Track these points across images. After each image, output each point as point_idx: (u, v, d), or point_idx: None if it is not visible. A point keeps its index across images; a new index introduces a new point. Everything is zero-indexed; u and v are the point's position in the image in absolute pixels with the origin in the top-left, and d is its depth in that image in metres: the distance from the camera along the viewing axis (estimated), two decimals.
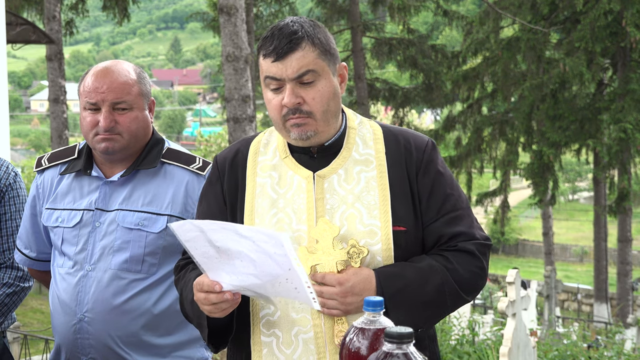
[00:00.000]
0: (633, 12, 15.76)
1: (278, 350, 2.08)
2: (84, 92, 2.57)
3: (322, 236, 2.04)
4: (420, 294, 2.03)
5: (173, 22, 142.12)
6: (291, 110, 2.06)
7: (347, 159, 2.14)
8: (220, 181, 2.23)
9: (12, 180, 2.93)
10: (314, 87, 2.07)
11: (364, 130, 2.20)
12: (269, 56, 2.06)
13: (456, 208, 2.14)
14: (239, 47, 9.52)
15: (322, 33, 2.10)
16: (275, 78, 2.06)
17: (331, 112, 2.10)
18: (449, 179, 2.18)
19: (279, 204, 2.13)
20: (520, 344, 5.54)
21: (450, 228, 2.12)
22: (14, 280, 2.92)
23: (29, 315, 12.05)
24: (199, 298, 2.01)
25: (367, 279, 2.01)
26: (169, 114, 73.43)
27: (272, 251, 1.84)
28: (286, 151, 2.18)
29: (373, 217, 2.08)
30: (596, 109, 17.29)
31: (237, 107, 9.69)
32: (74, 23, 17.28)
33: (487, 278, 2.19)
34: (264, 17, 18.99)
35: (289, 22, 2.09)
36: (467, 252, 2.10)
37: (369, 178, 2.12)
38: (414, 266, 2.06)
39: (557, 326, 14.00)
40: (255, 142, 2.24)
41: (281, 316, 2.08)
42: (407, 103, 19.77)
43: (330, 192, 2.11)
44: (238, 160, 2.23)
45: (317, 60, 2.07)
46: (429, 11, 19.08)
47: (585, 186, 46.05)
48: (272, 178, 2.16)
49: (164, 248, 2.59)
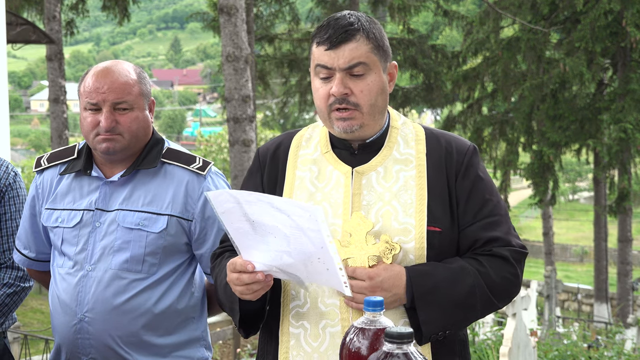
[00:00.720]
0: (633, 12, 15.75)
1: (305, 342, 2.10)
2: (85, 92, 2.57)
3: (356, 230, 2.04)
4: (450, 295, 2.03)
5: (173, 22, 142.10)
6: (338, 100, 2.07)
7: (387, 157, 2.15)
8: (260, 172, 2.25)
9: (12, 180, 2.93)
10: (363, 80, 2.08)
11: (407, 130, 2.21)
12: (322, 44, 2.08)
13: (494, 213, 2.14)
14: (239, 47, 9.52)
15: (377, 29, 2.11)
16: (326, 67, 2.07)
17: (378, 107, 2.11)
18: (489, 184, 2.18)
19: (316, 197, 2.14)
20: (521, 344, 5.54)
21: (486, 233, 2.11)
22: (14, 280, 2.92)
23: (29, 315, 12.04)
24: (232, 278, 2.02)
25: (397, 276, 2.01)
26: (169, 114, 73.42)
27: (305, 226, 1.85)
28: (328, 146, 2.19)
29: (408, 216, 2.08)
30: (596, 109, 17.28)
31: (237, 107, 9.68)
32: (74, 23, 17.29)
33: (520, 286, 2.18)
34: (264, 17, 18.97)
35: (346, 14, 2.11)
36: (502, 257, 2.09)
37: (408, 177, 2.13)
38: (446, 266, 2.06)
39: (557, 326, 13.99)
40: (298, 136, 2.26)
41: (310, 308, 2.09)
42: (407, 103, 19.76)
43: (367, 189, 2.12)
44: (279, 152, 2.25)
45: (370, 54, 2.08)
46: (429, 11, 19.07)
47: (585, 186, 46.06)
48: (311, 172, 2.18)
49: (164, 248, 2.59)
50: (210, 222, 2.62)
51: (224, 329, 10.83)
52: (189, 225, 2.61)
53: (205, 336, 2.75)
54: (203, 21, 18.60)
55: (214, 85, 79.02)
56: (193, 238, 2.63)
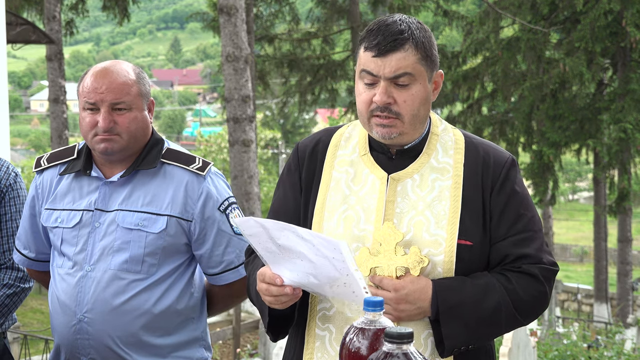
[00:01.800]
0: (633, 12, 15.75)
1: (329, 345, 2.09)
2: (83, 92, 2.57)
3: (386, 240, 2.03)
4: (476, 311, 2.01)
5: (173, 22, 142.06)
6: (380, 108, 2.04)
7: (424, 165, 2.13)
8: (299, 169, 2.22)
9: (12, 180, 2.93)
10: (407, 90, 2.05)
11: (446, 137, 2.17)
12: (370, 50, 2.04)
13: (527, 229, 2.10)
14: (239, 47, 9.52)
15: (427, 38, 2.08)
16: (372, 73, 2.04)
17: (420, 117, 2.08)
18: (525, 199, 2.14)
19: (350, 201, 2.12)
20: (520, 344, 5.54)
21: (518, 249, 2.08)
22: (14, 281, 2.92)
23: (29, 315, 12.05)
24: (261, 288, 2.02)
25: (423, 289, 2.00)
26: (169, 114, 73.40)
27: (330, 256, 1.86)
28: (366, 148, 2.17)
29: (440, 228, 2.06)
30: (596, 109, 17.27)
31: (237, 107, 9.68)
32: (74, 23, 17.28)
33: (548, 304, 2.16)
34: (264, 17, 18.96)
35: (397, 19, 2.06)
36: (531, 275, 2.07)
37: (443, 187, 2.10)
38: (473, 282, 2.03)
39: (557, 326, 14.00)
40: (338, 135, 2.23)
41: (337, 312, 2.09)
42: None
43: (402, 196, 2.09)
44: (318, 150, 2.22)
45: (417, 64, 2.05)
46: (429, 11, 19.06)
47: (585, 186, 46.03)
48: (347, 174, 2.16)
49: (163, 248, 2.59)
50: (210, 223, 2.61)
51: (224, 329, 10.82)
52: (189, 225, 2.61)
53: (205, 336, 2.75)
54: (203, 21, 18.60)
55: (214, 85, 79.01)
56: (193, 238, 2.63)
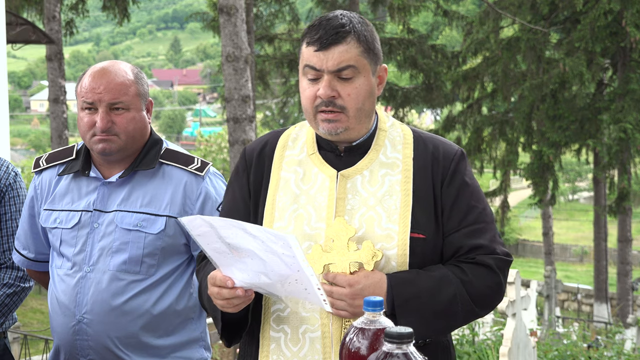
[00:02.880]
0: (633, 12, 15.74)
1: (285, 346, 2.08)
2: (81, 92, 2.57)
3: (338, 236, 2.02)
4: (432, 304, 2.01)
5: (173, 22, 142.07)
6: (324, 103, 2.04)
7: (373, 161, 2.13)
8: (247, 172, 2.22)
9: (12, 180, 2.93)
10: (351, 84, 2.05)
11: (394, 133, 2.18)
12: (312, 45, 2.05)
13: (479, 221, 2.11)
14: (239, 47, 9.52)
15: (368, 31, 2.09)
16: (315, 68, 2.04)
17: (365, 111, 2.08)
18: (475, 191, 2.14)
19: (300, 200, 2.11)
20: (520, 344, 5.54)
21: (471, 240, 2.09)
22: (15, 280, 2.92)
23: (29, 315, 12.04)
24: (212, 292, 2.00)
25: (378, 283, 1.99)
26: (169, 114, 73.38)
27: (280, 252, 1.84)
28: (314, 147, 2.17)
29: (392, 222, 2.06)
30: (596, 109, 17.28)
31: (237, 107, 9.68)
32: (74, 23, 17.27)
33: (503, 294, 2.16)
34: (264, 17, 18.96)
35: (339, 14, 2.07)
36: (485, 266, 2.07)
37: (393, 182, 2.10)
38: (428, 274, 2.03)
39: (557, 326, 13.99)
40: (285, 136, 2.23)
41: (291, 313, 2.08)
42: (407, 103, 19.75)
43: (352, 193, 2.09)
44: (266, 152, 2.21)
45: (360, 57, 2.05)
46: (429, 11, 19.05)
47: (585, 186, 46.03)
48: (296, 173, 2.15)
49: (162, 249, 2.58)
50: None
51: None
52: None
53: (205, 337, 2.75)
54: (203, 21, 18.59)
55: (213, 85, 78.98)
56: (192, 239, 2.62)
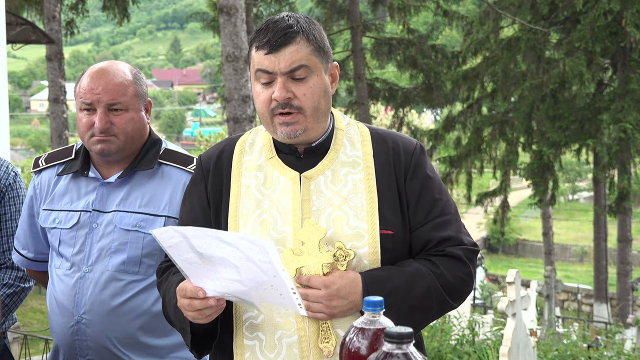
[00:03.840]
0: (633, 12, 15.75)
1: (261, 353, 2.05)
2: (80, 92, 2.57)
3: (309, 238, 2.00)
4: (407, 299, 2.01)
5: (173, 22, 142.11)
6: (280, 105, 2.03)
7: (334, 161, 2.12)
8: (204, 181, 2.19)
9: (12, 180, 2.93)
10: (305, 83, 2.03)
11: (352, 131, 2.17)
12: (262, 48, 2.03)
13: (444, 213, 2.11)
14: (239, 47, 9.52)
15: (317, 30, 2.08)
16: (267, 71, 2.03)
17: (321, 109, 2.07)
18: (438, 183, 2.15)
19: (264, 205, 2.09)
20: (520, 344, 5.54)
21: (438, 233, 2.09)
22: (14, 280, 2.92)
23: (29, 315, 12.04)
24: (183, 304, 1.97)
25: (353, 282, 1.98)
26: (169, 114, 73.39)
27: (256, 258, 1.81)
28: (272, 151, 2.14)
29: (360, 220, 2.05)
30: (596, 109, 17.28)
31: (237, 107, 9.68)
32: (74, 23, 17.27)
33: (474, 284, 2.18)
34: (263, 17, 18.97)
35: (285, 16, 2.06)
36: (455, 257, 2.07)
37: (357, 180, 2.09)
38: (401, 270, 2.03)
39: (557, 326, 14.00)
40: (241, 142, 2.20)
41: (265, 319, 2.05)
42: (407, 103, 19.76)
43: (316, 194, 2.08)
44: (223, 159, 2.19)
45: (311, 56, 2.04)
46: (429, 11, 19.07)
47: (585, 186, 46.02)
48: (257, 178, 2.13)
49: (161, 249, 2.57)
50: None
51: None
52: None
53: None
54: (203, 21, 18.60)
55: (213, 85, 79.01)
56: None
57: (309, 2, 20.35)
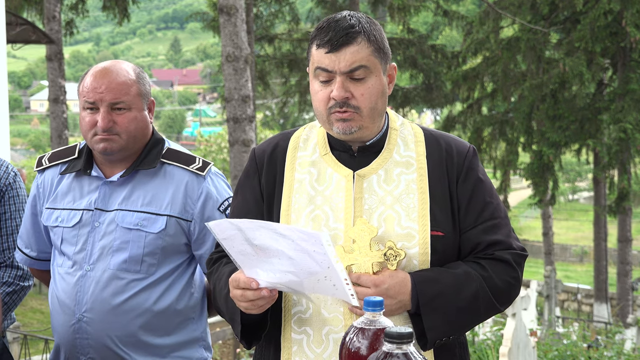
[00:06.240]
0: (633, 12, 15.74)
1: (308, 348, 2.07)
2: (83, 92, 2.57)
3: (360, 236, 2.01)
4: (455, 301, 2.02)
5: (173, 22, 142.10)
6: (338, 104, 2.04)
7: (387, 160, 2.13)
8: (258, 174, 2.20)
9: (11, 179, 2.93)
10: (364, 84, 2.05)
11: (406, 131, 2.18)
12: (323, 47, 2.04)
13: (494, 216, 2.12)
14: (239, 47, 9.52)
15: (377, 31, 2.08)
16: (327, 70, 2.04)
17: (378, 110, 2.08)
18: (489, 186, 2.16)
19: (316, 201, 2.11)
20: (520, 344, 5.54)
21: (488, 236, 2.10)
22: (14, 279, 2.92)
23: (28, 315, 12.04)
24: (235, 295, 1.99)
25: (402, 282, 1.99)
26: (169, 114, 73.41)
27: (311, 249, 1.84)
28: (326, 148, 2.16)
29: (411, 220, 2.06)
30: (596, 109, 17.27)
31: (237, 107, 9.68)
32: (74, 23, 17.28)
33: (520, 288, 2.19)
34: (264, 17, 18.95)
35: (347, 15, 2.07)
36: (504, 261, 2.08)
37: (409, 181, 2.10)
38: (450, 272, 2.04)
39: (557, 326, 13.99)
40: (295, 137, 2.22)
41: (313, 314, 2.06)
42: (407, 103, 19.75)
43: (369, 192, 2.09)
44: (277, 154, 2.20)
45: (371, 57, 2.05)
46: (429, 11, 19.05)
47: (585, 186, 46.04)
48: (310, 174, 2.14)
49: (163, 248, 2.59)
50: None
51: (224, 329, 10.84)
52: (188, 225, 2.61)
53: (205, 337, 2.74)
54: (203, 21, 18.58)
55: (213, 85, 78.97)
56: (192, 239, 2.63)
57: (309, 2, 20.34)
